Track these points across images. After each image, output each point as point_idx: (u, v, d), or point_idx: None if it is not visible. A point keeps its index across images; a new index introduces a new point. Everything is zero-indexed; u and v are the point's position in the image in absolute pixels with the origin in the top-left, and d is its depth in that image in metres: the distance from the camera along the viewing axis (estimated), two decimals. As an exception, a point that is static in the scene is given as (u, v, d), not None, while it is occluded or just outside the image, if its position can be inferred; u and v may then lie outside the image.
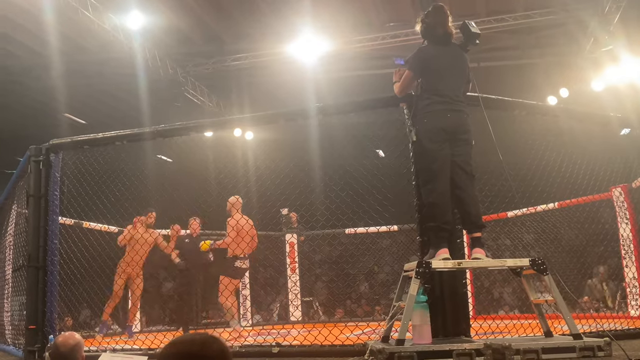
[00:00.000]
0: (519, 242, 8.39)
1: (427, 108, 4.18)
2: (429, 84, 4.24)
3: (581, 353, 3.39)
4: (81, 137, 5.70)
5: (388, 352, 3.36)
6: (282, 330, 7.11)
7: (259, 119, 6.46)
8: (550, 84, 10.79)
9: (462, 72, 4.32)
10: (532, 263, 3.77)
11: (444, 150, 4.07)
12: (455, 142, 4.11)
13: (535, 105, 5.13)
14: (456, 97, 4.18)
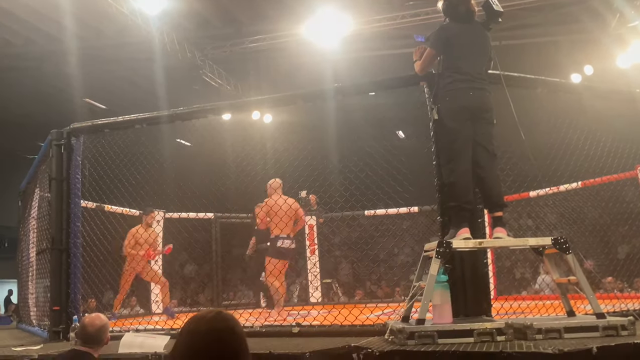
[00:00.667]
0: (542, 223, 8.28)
1: (449, 86, 4.14)
2: (451, 62, 4.19)
3: (604, 332, 3.35)
4: (101, 121, 5.76)
5: (408, 331, 3.35)
6: (302, 311, 7.14)
7: (276, 101, 6.43)
8: (574, 61, 10.59)
9: (484, 50, 4.27)
10: (555, 242, 3.73)
11: (466, 129, 4.03)
12: (477, 120, 4.07)
13: (558, 82, 5.03)
14: (478, 75, 4.13)
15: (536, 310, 4.67)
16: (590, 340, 3.18)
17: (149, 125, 5.91)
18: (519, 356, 2.97)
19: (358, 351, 3.21)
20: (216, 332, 1.68)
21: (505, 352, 3.01)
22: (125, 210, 8.21)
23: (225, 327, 1.71)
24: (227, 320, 1.73)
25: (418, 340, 3.30)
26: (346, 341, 3.52)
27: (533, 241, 3.87)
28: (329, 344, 3.57)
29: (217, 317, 1.73)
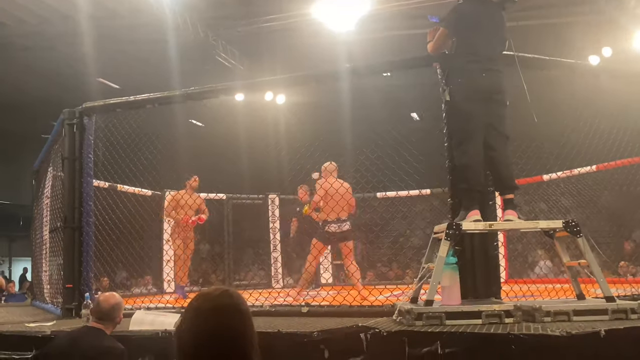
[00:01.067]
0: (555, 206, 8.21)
1: (462, 67, 4.10)
2: (465, 42, 4.15)
3: (614, 315, 3.33)
4: (113, 100, 5.78)
5: (416, 312, 3.36)
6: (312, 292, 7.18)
7: (289, 81, 6.42)
8: (592, 43, 10.39)
9: (498, 31, 4.21)
10: (566, 225, 3.70)
11: (479, 111, 3.99)
12: (489, 102, 4.03)
13: (573, 64, 4.96)
14: (492, 57, 4.09)
15: (546, 293, 4.65)
16: (598, 323, 3.17)
17: (161, 105, 5.91)
18: (527, 338, 2.97)
19: (366, 331, 3.23)
20: (222, 310, 1.68)
21: (513, 334, 3.01)
22: (138, 190, 8.26)
23: (231, 304, 1.70)
24: (233, 298, 1.72)
25: (426, 321, 3.31)
26: (354, 321, 3.53)
27: (544, 224, 3.84)
28: (337, 323, 3.58)
29: (224, 294, 1.72)
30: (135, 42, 11.55)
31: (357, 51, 10.66)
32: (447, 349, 3.04)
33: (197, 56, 11.70)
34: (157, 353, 3.66)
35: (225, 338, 1.64)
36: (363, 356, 3.18)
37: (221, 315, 1.67)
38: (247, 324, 1.70)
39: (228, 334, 1.65)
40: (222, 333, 1.65)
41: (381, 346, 3.16)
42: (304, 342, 3.31)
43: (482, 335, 3.09)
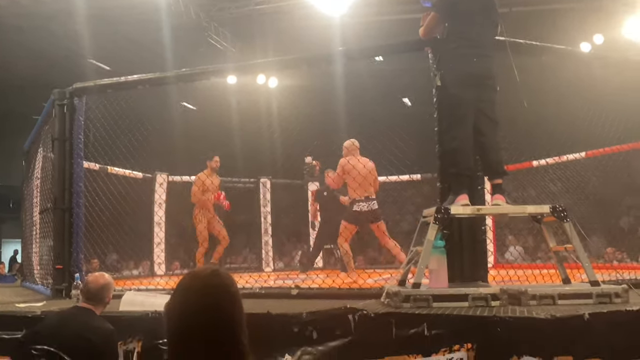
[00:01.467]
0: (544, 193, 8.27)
1: (453, 52, 4.10)
2: (456, 27, 4.14)
3: (598, 299, 3.38)
4: (104, 81, 5.76)
5: (404, 294, 3.40)
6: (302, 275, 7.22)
7: (280, 64, 6.42)
8: (584, 30, 10.39)
9: (490, 15, 4.20)
10: (553, 210, 3.73)
11: (469, 96, 4.00)
12: (480, 87, 4.04)
13: (564, 50, 4.97)
14: (483, 42, 4.09)
15: (533, 278, 4.70)
16: (583, 307, 3.21)
17: (152, 87, 5.90)
18: (512, 320, 3.02)
19: (354, 312, 3.26)
20: (211, 289, 1.68)
21: (499, 316, 3.05)
22: (129, 172, 8.24)
23: (220, 284, 1.71)
24: (222, 278, 1.73)
25: (413, 304, 3.36)
26: (343, 303, 3.56)
27: (532, 209, 3.88)
28: (326, 305, 3.61)
29: (213, 274, 1.73)
30: (127, 24, 11.43)
31: (350, 35, 10.61)
32: (433, 330, 3.08)
33: (190, 38, 11.62)
34: (147, 333, 3.66)
35: (213, 318, 1.65)
36: (351, 337, 3.21)
37: (210, 295, 1.67)
38: (236, 304, 1.71)
39: (217, 314, 1.66)
40: (211, 313, 1.65)
41: (369, 327, 3.19)
42: (292, 324, 3.33)
43: (468, 317, 3.13)
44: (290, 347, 3.27)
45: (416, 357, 3.05)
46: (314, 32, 10.88)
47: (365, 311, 3.25)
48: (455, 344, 3.02)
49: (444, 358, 3.02)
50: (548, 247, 4.05)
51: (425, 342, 3.06)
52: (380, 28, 10.88)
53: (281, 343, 3.31)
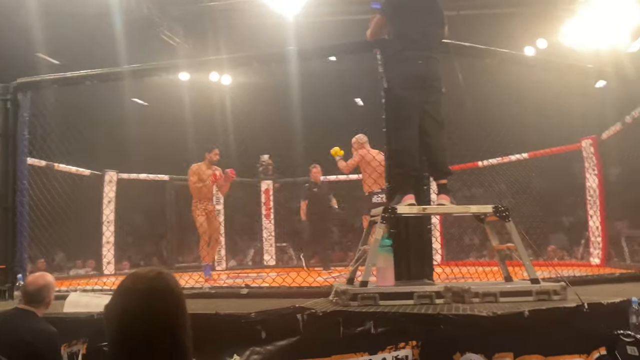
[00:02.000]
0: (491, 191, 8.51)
1: (398, 54, 4.17)
2: (401, 29, 4.20)
3: (537, 297, 3.51)
4: (50, 76, 5.61)
5: (352, 292, 3.45)
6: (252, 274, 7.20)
7: (232, 61, 6.36)
8: (528, 34, 10.69)
9: (435, 17, 4.28)
10: (495, 210, 3.85)
11: (414, 98, 4.07)
12: (426, 89, 4.10)
13: (507, 54, 5.11)
14: (428, 43, 4.15)
15: (477, 276, 4.84)
16: (523, 304, 3.33)
17: (101, 82, 5.78)
18: (456, 318, 3.10)
19: (302, 311, 3.28)
20: (154, 292, 1.65)
21: (442, 314, 3.14)
22: (76, 169, 8.04)
23: (163, 287, 1.67)
24: (166, 280, 1.69)
25: (360, 302, 3.41)
26: (293, 302, 3.58)
27: (475, 209, 3.99)
28: (276, 304, 3.63)
29: (157, 276, 1.69)
30: (78, 17, 11.12)
31: (303, 34, 10.61)
32: (380, 328, 3.14)
33: (141, 34, 11.38)
34: (92, 335, 3.59)
35: (156, 321, 1.62)
36: (299, 336, 3.22)
37: (154, 297, 1.64)
38: (180, 307, 1.68)
39: (160, 317, 1.63)
40: (154, 316, 1.62)
41: (317, 326, 3.22)
42: (241, 323, 3.33)
43: (413, 315, 3.20)
44: (239, 347, 3.26)
45: (363, 355, 3.10)
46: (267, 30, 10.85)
47: (313, 310, 3.27)
48: (401, 341, 3.08)
49: (389, 356, 3.08)
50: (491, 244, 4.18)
51: (372, 340, 3.11)
52: (333, 28, 10.93)
53: (229, 343, 3.31)
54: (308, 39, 10.62)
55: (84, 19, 11.14)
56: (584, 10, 9.62)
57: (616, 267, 6.75)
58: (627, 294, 3.74)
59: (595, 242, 7.28)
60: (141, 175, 8.91)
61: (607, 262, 7.12)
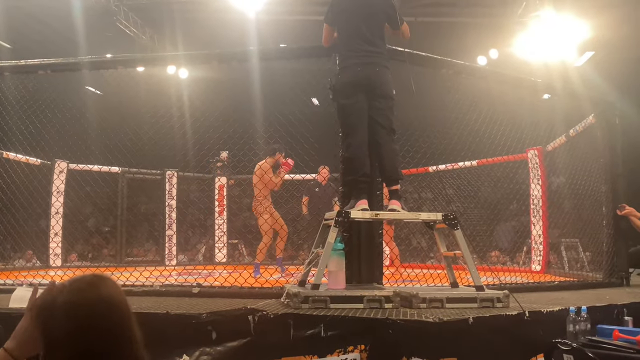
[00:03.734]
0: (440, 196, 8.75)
1: (341, 63, 4.22)
2: (342, 37, 4.24)
3: (481, 304, 3.65)
4: (1, 63, 5.45)
5: (303, 295, 3.51)
6: (204, 271, 7.18)
7: (191, 58, 6.34)
8: (481, 44, 10.98)
9: (378, 20, 4.24)
10: (444, 217, 3.97)
11: (357, 104, 4.10)
12: (369, 95, 4.12)
13: (462, 65, 5.25)
14: (368, 50, 4.14)
15: (424, 279, 4.98)
16: (468, 311, 3.47)
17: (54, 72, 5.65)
18: (403, 323, 3.19)
19: (254, 313, 3.31)
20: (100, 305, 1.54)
21: (391, 319, 3.22)
22: (26, 158, 7.83)
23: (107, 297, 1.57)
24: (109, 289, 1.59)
25: (312, 304, 3.48)
26: (244, 302, 3.62)
27: (425, 216, 4.11)
28: (227, 305, 3.66)
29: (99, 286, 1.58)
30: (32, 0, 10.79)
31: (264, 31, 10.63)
32: (329, 331, 3.21)
33: (97, 20, 11.13)
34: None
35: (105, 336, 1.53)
36: (250, 338, 3.27)
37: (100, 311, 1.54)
38: (125, 318, 1.59)
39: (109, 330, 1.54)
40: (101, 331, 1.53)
41: (268, 328, 3.27)
42: (192, 324, 3.35)
43: (362, 319, 3.28)
44: (189, 348, 3.28)
45: (312, 358, 3.17)
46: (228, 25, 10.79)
47: (264, 312, 3.32)
48: (350, 345, 3.16)
49: (338, 359, 3.16)
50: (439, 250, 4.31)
51: (322, 343, 3.18)
52: (294, 27, 10.96)
53: (179, 343, 3.32)
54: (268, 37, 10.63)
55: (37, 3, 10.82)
56: (534, 23, 9.94)
57: (555, 274, 7.06)
58: (564, 303, 3.96)
59: (537, 249, 7.58)
60: (92, 167, 8.73)
61: (547, 269, 7.43)
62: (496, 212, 8.45)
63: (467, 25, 11.01)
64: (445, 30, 10.95)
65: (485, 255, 8.33)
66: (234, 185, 10.18)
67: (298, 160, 6.65)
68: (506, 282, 5.09)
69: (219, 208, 10.07)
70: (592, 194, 6.10)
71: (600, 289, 5.34)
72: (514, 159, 7.76)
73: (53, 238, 8.31)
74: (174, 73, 11.70)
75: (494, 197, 8.64)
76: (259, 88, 10.37)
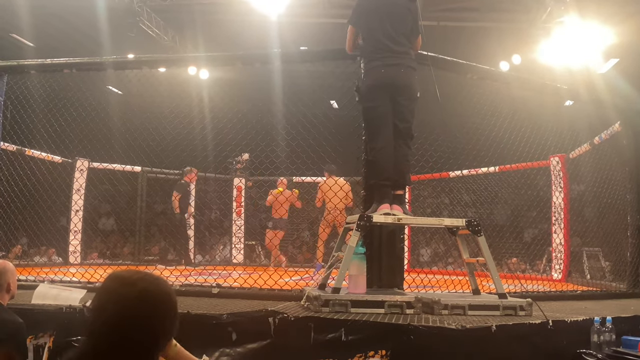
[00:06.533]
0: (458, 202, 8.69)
1: (367, 65, 4.17)
2: (367, 39, 4.19)
3: (504, 311, 3.59)
4: (28, 62, 5.52)
5: (324, 299, 3.48)
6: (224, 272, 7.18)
7: (215, 60, 6.35)
8: (504, 49, 10.90)
9: (403, 21, 4.17)
10: (468, 224, 3.91)
11: (382, 108, 4.05)
12: (395, 96, 4.06)
13: (487, 70, 5.21)
14: (394, 50, 4.08)
15: (445, 286, 4.93)
16: (490, 319, 3.41)
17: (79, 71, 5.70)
18: (425, 329, 3.14)
19: (274, 315, 3.30)
20: (152, 298, 1.65)
21: (412, 325, 3.17)
22: (48, 156, 7.91)
23: (159, 291, 1.68)
24: (159, 284, 1.70)
25: (332, 308, 3.44)
26: (264, 304, 3.61)
27: (448, 221, 4.06)
28: (247, 306, 3.65)
29: (153, 281, 1.69)
30: None
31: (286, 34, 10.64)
32: (350, 336, 3.17)
33: (120, 21, 11.23)
34: (60, 329, 3.56)
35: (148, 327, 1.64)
36: (270, 340, 3.25)
37: (152, 304, 1.65)
38: (168, 314, 1.69)
39: (158, 322, 1.66)
40: (152, 322, 1.64)
41: (288, 331, 3.25)
42: (212, 324, 3.35)
43: (383, 324, 3.23)
44: (209, 348, 3.28)
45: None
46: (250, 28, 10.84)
47: (285, 314, 3.30)
48: (370, 349, 3.13)
49: (358, 363, 3.13)
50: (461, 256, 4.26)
51: (342, 347, 3.15)
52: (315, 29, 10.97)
53: (199, 343, 3.31)
54: (290, 39, 10.64)
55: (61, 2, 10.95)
56: (558, 29, 9.83)
57: (576, 283, 6.96)
58: (588, 312, 3.89)
59: (558, 257, 7.48)
60: (113, 165, 8.80)
61: (568, 277, 7.33)
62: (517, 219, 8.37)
63: (489, 30, 10.94)
64: (467, 35, 10.88)
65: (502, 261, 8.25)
66: (252, 187, 10.20)
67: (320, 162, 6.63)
68: (528, 290, 5.02)
69: (237, 208, 10.09)
70: (616, 203, 6.00)
71: (624, 299, 5.24)
72: (537, 166, 7.67)
73: (74, 236, 8.37)
74: (194, 74, 11.79)
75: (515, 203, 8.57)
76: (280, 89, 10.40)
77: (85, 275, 5.03)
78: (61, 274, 5.24)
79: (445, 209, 9.09)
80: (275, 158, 6.93)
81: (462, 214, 8.33)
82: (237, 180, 10.11)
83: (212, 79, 12.45)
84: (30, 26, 11.64)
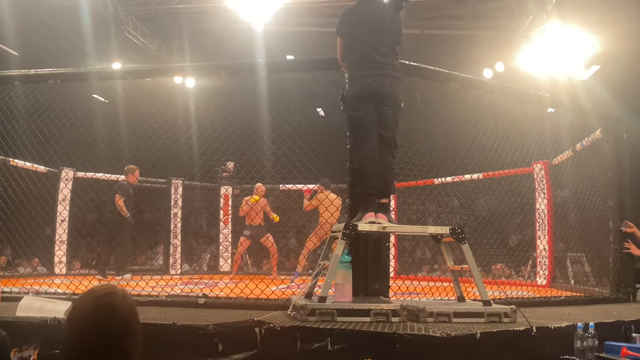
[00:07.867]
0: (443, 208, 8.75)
1: (351, 75, 4.21)
2: (353, 47, 4.22)
3: (489, 318, 3.62)
4: (12, 72, 5.53)
5: (310, 308, 3.49)
6: (210, 281, 7.17)
7: (200, 70, 6.35)
8: (487, 57, 11.02)
9: (388, 32, 4.21)
10: (452, 231, 3.94)
11: (367, 116, 4.07)
12: (379, 106, 4.09)
13: (469, 79, 5.26)
14: (379, 61, 4.11)
15: (430, 292, 4.96)
16: (475, 326, 3.44)
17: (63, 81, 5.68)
18: (410, 337, 3.16)
19: (260, 325, 3.31)
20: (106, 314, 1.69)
21: (398, 333, 3.20)
22: (33, 165, 7.86)
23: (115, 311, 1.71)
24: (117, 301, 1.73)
25: (318, 317, 3.46)
26: (250, 314, 3.62)
27: (432, 229, 4.09)
28: (233, 316, 3.66)
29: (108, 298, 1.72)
30: (40, 7, 10.86)
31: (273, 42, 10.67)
32: (336, 345, 3.19)
33: (105, 29, 11.20)
34: (45, 341, 3.54)
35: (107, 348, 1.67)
36: (256, 350, 3.26)
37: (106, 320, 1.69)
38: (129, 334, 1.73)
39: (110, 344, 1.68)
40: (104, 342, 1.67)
41: (274, 341, 3.25)
42: (198, 335, 3.35)
43: (370, 333, 3.26)
44: (195, 359, 3.28)
45: (319, 371, 3.15)
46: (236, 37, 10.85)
47: (271, 324, 3.31)
48: (356, 358, 3.15)
49: (345, 372, 3.14)
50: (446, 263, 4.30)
51: (329, 357, 3.17)
52: (301, 38, 11.02)
53: (185, 354, 3.32)
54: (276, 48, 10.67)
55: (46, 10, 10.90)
56: (541, 37, 9.95)
57: (560, 288, 7.03)
58: (571, 318, 3.94)
59: (542, 262, 7.55)
60: (98, 175, 8.75)
61: (552, 283, 7.39)
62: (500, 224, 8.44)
63: (473, 39, 11.05)
64: (451, 43, 10.98)
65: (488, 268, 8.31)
66: (238, 195, 10.18)
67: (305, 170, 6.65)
68: (512, 297, 5.07)
69: (224, 216, 10.06)
70: (598, 208, 6.08)
71: (607, 304, 5.32)
72: (520, 172, 7.76)
73: (59, 246, 8.31)
74: (180, 82, 11.77)
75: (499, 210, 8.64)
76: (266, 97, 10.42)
77: (70, 287, 5.00)
78: (46, 285, 5.18)
79: (430, 216, 9.15)
80: (260, 167, 6.94)
81: (447, 221, 8.39)
82: (224, 189, 10.10)
83: (198, 87, 12.44)
84: (15, 34, 11.56)
